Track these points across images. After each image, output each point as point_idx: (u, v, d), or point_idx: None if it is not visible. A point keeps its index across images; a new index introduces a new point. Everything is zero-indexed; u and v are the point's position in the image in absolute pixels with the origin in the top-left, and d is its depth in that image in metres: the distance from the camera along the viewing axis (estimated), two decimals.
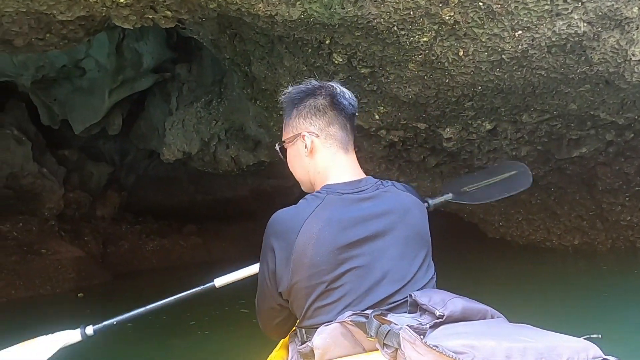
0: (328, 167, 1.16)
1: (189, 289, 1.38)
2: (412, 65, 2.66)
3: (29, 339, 1.42)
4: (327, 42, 2.64)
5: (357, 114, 1.24)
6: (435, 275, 1.15)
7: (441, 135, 3.54)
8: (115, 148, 9.82)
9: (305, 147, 1.16)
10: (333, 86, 1.18)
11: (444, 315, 0.93)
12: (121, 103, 8.06)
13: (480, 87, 2.83)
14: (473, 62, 2.58)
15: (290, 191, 11.05)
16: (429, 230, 1.19)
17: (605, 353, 0.81)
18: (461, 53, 2.52)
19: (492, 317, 1.00)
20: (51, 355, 1.37)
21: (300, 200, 1.13)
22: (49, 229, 7.46)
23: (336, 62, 2.79)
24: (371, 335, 0.92)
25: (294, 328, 1.18)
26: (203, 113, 7.43)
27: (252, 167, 7.79)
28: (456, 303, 0.97)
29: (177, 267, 8.13)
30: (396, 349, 0.87)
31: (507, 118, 3.33)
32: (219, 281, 1.44)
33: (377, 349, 0.92)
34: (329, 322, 1.02)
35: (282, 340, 1.28)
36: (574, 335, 0.86)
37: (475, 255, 5.54)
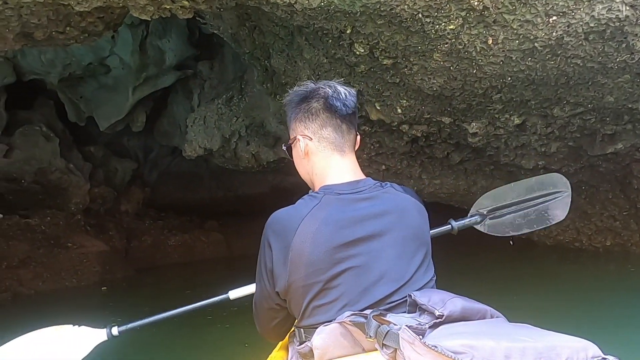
0: (324, 168, 1.15)
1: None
2: (438, 55, 2.51)
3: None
4: (348, 31, 2.51)
5: (357, 112, 1.20)
6: (435, 276, 1.13)
7: (466, 130, 3.37)
8: (139, 145, 9.89)
9: (300, 150, 1.16)
10: (328, 88, 1.15)
11: (443, 315, 0.92)
12: (144, 100, 8.10)
13: (509, 78, 2.65)
14: (503, 51, 2.40)
15: (309, 189, 10.93)
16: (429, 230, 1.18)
17: (605, 353, 0.79)
18: (490, 41, 2.35)
19: (492, 317, 0.98)
20: (86, 355, 1.41)
21: (298, 200, 1.12)
22: (75, 223, 7.54)
23: (357, 52, 2.65)
24: (370, 336, 0.91)
25: (293, 328, 1.16)
26: (224, 109, 7.38)
27: (272, 163, 7.71)
28: (455, 303, 0.96)
29: (198, 263, 8.13)
30: (395, 349, 0.87)
31: (537, 112, 3.13)
32: (234, 294, 1.45)
33: (377, 349, 0.91)
34: (327, 321, 1.01)
35: (282, 341, 1.27)
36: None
37: (500, 256, 5.33)
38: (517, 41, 2.34)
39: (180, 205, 10.38)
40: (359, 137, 1.21)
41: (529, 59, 2.46)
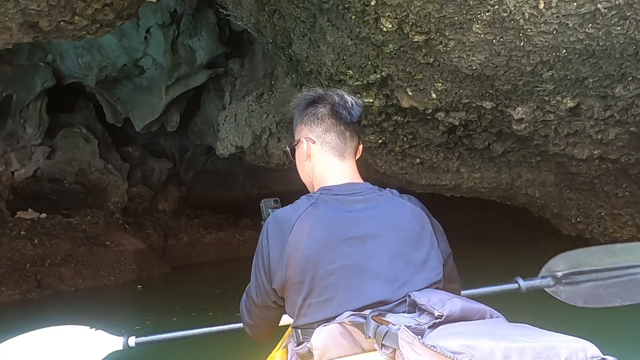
0: (324, 171, 1.15)
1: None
2: (477, 26, 2.09)
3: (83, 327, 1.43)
4: (372, 3, 2.14)
5: (361, 122, 1.20)
6: (440, 279, 1.07)
7: (511, 116, 2.92)
8: (175, 144, 9.86)
9: (303, 152, 1.17)
10: (336, 95, 1.15)
11: (442, 316, 0.90)
12: (178, 100, 8.01)
13: (564, 51, 2.19)
14: (557, 17, 1.97)
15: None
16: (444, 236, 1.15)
17: (604, 353, 0.75)
18: (541, 6, 1.92)
19: (491, 317, 0.96)
20: None
21: (297, 200, 1.11)
22: (114, 222, 7.53)
23: (384, 29, 2.28)
24: (369, 336, 0.90)
25: (290, 329, 1.15)
26: (254, 106, 7.15)
27: None
28: (455, 303, 0.93)
29: (233, 260, 7.97)
30: (394, 350, 0.85)
31: (595, 92, 2.65)
32: None
33: (376, 349, 0.89)
34: (322, 320, 1.00)
35: (281, 340, 1.27)
36: None
37: (548, 256, 4.79)
38: (574, 3, 1.90)
39: (215, 203, 10.31)
40: (361, 146, 1.20)
41: (590, 25, 2.01)
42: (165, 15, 6.68)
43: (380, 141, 3.99)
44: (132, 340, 1.37)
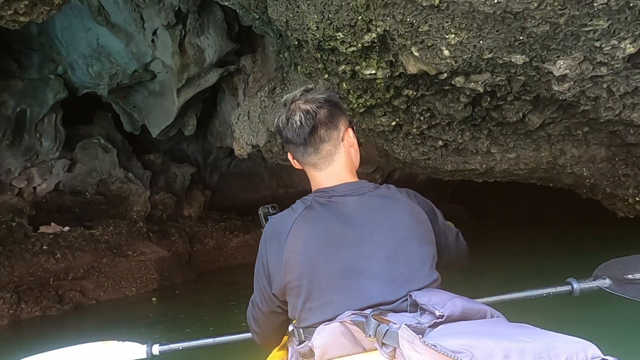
0: (314, 178, 1.13)
1: None
2: None
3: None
4: None
5: (327, 123, 1.08)
6: (438, 277, 1.04)
7: (550, 73, 2.23)
8: (198, 149, 9.52)
9: (295, 165, 1.18)
10: (282, 121, 1.09)
11: (443, 315, 0.87)
12: (193, 103, 7.62)
13: None
14: None
15: (372, 178, 9.94)
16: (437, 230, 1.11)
17: (604, 353, 0.73)
18: None
19: (492, 317, 0.92)
20: None
21: (292, 205, 1.09)
22: (137, 230, 7.23)
23: None
24: (369, 335, 0.88)
25: (292, 328, 1.10)
26: (267, 102, 6.63)
27: None
28: (456, 303, 0.90)
29: None
30: (395, 348, 0.83)
31: None
32: None
33: (377, 348, 0.87)
34: (324, 321, 0.97)
35: (282, 340, 1.24)
36: None
37: (602, 241, 4.00)
38: None
39: (242, 205, 9.90)
40: (347, 134, 1.11)
41: None
42: (169, 15, 6.27)
43: (393, 123, 3.35)
44: (156, 349, 1.33)
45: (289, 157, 1.17)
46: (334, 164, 1.09)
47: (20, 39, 6.37)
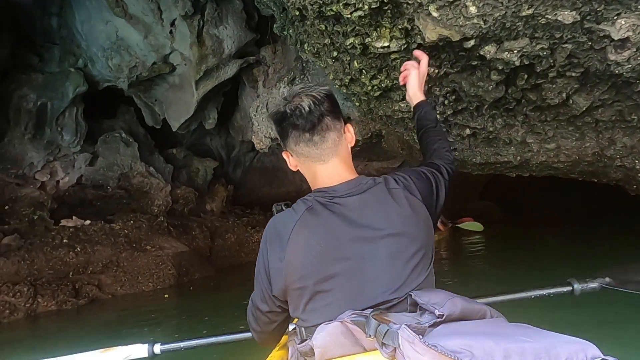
0: (312, 176, 1.11)
1: None
2: None
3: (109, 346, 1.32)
4: None
5: (331, 114, 1.08)
6: (433, 275, 1.04)
7: (606, 37, 1.76)
8: (222, 144, 9.31)
9: (290, 164, 1.16)
10: (289, 107, 1.07)
11: (443, 315, 0.87)
12: (213, 96, 7.38)
13: None
14: None
15: None
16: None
17: (604, 353, 0.72)
18: None
19: (492, 317, 0.91)
20: None
21: (294, 204, 1.08)
22: (157, 225, 7.06)
23: None
24: (370, 335, 0.87)
25: (294, 327, 1.09)
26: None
27: None
28: (455, 303, 0.89)
29: None
30: (395, 348, 0.82)
31: None
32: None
33: (377, 348, 0.86)
34: (327, 321, 0.95)
35: (281, 340, 1.24)
36: None
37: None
38: None
39: (265, 200, 9.63)
40: (349, 130, 1.12)
41: None
42: (187, 5, 6.02)
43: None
44: (158, 348, 1.32)
45: (285, 156, 1.13)
46: (337, 156, 1.08)
47: (42, 33, 6.28)
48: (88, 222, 6.52)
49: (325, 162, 1.07)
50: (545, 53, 1.92)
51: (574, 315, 2.66)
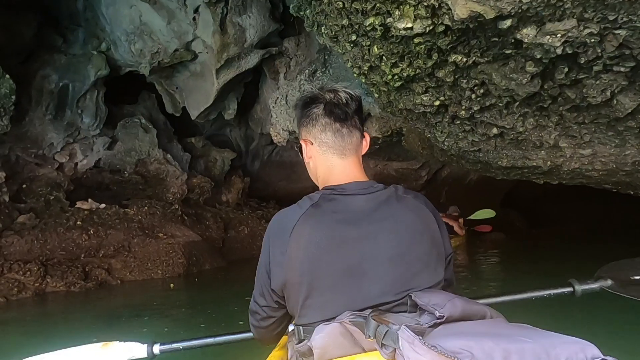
0: (326, 171, 1.10)
1: None
2: None
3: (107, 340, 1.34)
4: None
5: (360, 116, 1.09)
6: (442, 281, 1.01)
7: None
8: (241, 135, 9.19)
9: (304, 154, 1.14)
10: (328, 94, 1.08)
11: (443, 316, 0.86)
12: (234, 87, 7.24)
13: None
14: None
15: (417, 175, 9.14)
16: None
17: (604, 353, 0.71)
18: None
19: (492, 318, 0.90)
20: None
21: (299, 200, 1.07)
22: (172, 213, 6.98)
23: None
24: (369, 336, 0.86)
25: (292, 327, 1.08)
26: (307, 86, 6.07)
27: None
28: (456, 303, 0.88)
29: None
30: (395, 349, 0.82)
31: None
32: None
33: (377, 349, 0.86)
34: (323, 320, 0.95)
35: (281, 340, 1.22)
36: None
37: None
38: None
39: (282, 195, 9.48)
40: (366, 139, 1.12)
41: None
42: None
43: (437, 103, 2.67)
44: (157, 348, 1.31)
45: (303, 144, 1.10)
46: (355, 155, 1.08)
47: (67, 14, 6.25)
48: (103, 205, 6.48)
49: (345, 157, 1.07)
50: (593, 40, 1.65)
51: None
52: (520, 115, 2.64)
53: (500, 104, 2.52)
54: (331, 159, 1.07)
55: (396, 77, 2.46)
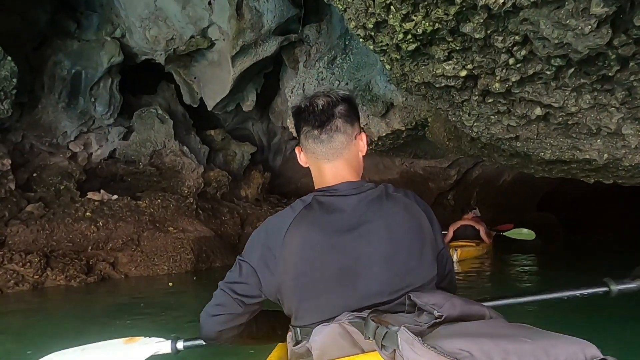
0: (317, 174, 1.11)
1: None
2: None
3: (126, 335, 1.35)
4: None
5: (343, 117, 1.07)
6: (435, 277, 1.02)
7: None
8: (263, 129, 8.76)
9: (301, 160, 1.16)
10: (305, 103, 1.09)
11: (442, 316, 0.86)
12: (253, 77, 6.80)
13: None
14: None
15: (446, 174, 8.38)
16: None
17: (604, 354, 0.71)
18: None
19: (491, 318, 0.90)
20: None
21: (292, 203, 1.07)
22: (186, 206, 6.61)
23: None
24: (368, 337, 0.86)
25: (290, 328, 1.06)
26: (325, 74, 5.53)
27: (387, 139, 5.58)
28: (454, 303, 0.89)
29: None
30: (394, 350, 0.81)
31: None
32: None
33: (376, 350, 0.85)
34: (321, 321, 0.95)
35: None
36: None
37: None
38: None
39: (304, 192, 8.89)
40: (362, 138, 1.11)
41: None
42: None
43: (463, 73, 2.06)
44: (180, 344, 1.30)
45: (297, 151, 1.13)
46: (342, 158, 1.07)
47: None
48: (115, 197, 6.18)
49: (329, 161, 1.07)
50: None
51: None
52: (574, 89, 1.99)
53: (548, 72, 1.88)
54: (319, 163, 1.08)
55: (409, 36, 1.87)
